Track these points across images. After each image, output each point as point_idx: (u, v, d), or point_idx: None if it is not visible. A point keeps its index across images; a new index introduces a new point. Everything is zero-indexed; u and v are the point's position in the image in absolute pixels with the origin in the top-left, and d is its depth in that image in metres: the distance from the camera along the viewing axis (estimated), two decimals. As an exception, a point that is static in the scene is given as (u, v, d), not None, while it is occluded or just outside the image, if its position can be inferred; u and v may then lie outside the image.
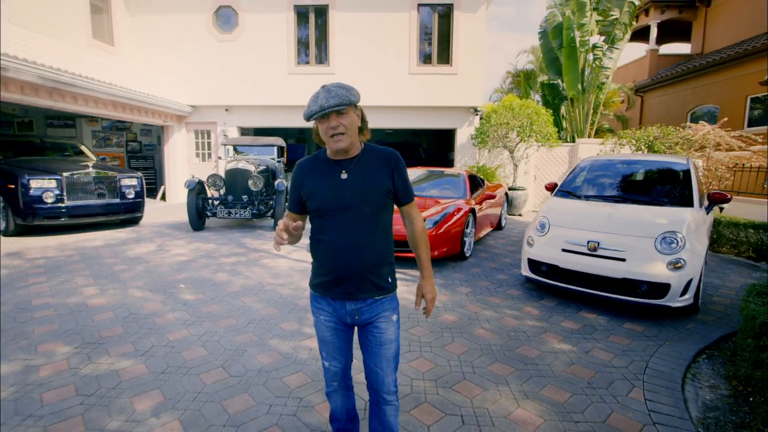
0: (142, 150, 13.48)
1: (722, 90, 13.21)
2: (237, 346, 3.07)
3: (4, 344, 2.99)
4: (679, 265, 3.54)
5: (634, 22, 12.58)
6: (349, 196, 1.49)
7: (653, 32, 17.19)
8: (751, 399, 2.51)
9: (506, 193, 8.40)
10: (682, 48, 19.02)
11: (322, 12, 10.66)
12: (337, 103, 1.40)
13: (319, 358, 2.84)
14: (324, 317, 1.63)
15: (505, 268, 5.34)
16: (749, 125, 11.68)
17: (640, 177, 4.78)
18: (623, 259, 3.69)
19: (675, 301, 3.56)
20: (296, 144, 16.57)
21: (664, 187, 4.48)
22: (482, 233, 6.72)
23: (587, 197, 4.62)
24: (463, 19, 10.41)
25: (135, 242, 6.39)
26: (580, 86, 12.65)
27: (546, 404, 2.42)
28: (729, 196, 4.21)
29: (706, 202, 4.32)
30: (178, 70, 11.05)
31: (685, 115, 14.76)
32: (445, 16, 10.55)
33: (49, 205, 6.42)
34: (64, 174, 6.56)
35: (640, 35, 18.50)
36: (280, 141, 9.27)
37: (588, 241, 3.86)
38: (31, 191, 6.25)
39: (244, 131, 12.32)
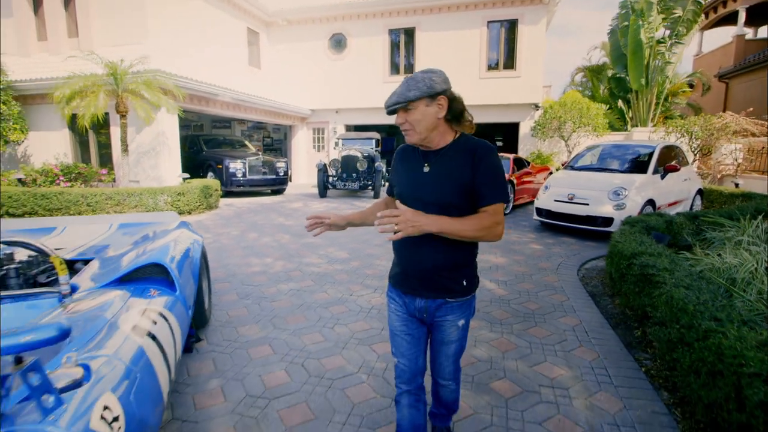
0: (273, 144, 17.75)
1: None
2: (364, 240, 6.14)
3: (258, 235, 6.44)
4: (622, 207, 5.82)
5: (700, 18, 13.40)
6: (427, 191, 1.42)
7: (741, 17, 17.07)
8: (621, 264, 4.88)
9: (551, 173, 10.55)
10: (780, 30, 18.30)
11: (410, 33, 13.58)
12: (393, 103, 1.37)
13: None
14: (394, 306, 1.62)
15: (529, 220, 7.79)
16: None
17: (620, 155, 6.91)
18: (587, 204, 6.05)
19: (618, 228, 5.84)
20: (387, 137, 19.80)
21: (633, 161, 6.61)
22: (522, 200, 9.11)
23: (580, 169, 6.92)
24: (527, 30, 12.52)
25: (288, 202, 10.01)
26: (643, 80, 13.86)
27: (510, 258, 5.08)
28: (678, 167, 6.26)
29: (661, 171, 6.38)
30: (302, 83, 14.80)
31: (768, 101, 14.85)
32: (511, 29, 12.77)
33: (238, 178, 10.30)
34: (247, 159, 10.40)
35: (729, 20, 18.32)
36: (376, 135, 12.43)
37: (568, 194, 6.26)
38: (230, 170, 10.17)
39: (348, 128, 15.77)
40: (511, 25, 12.74)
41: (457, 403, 1.83)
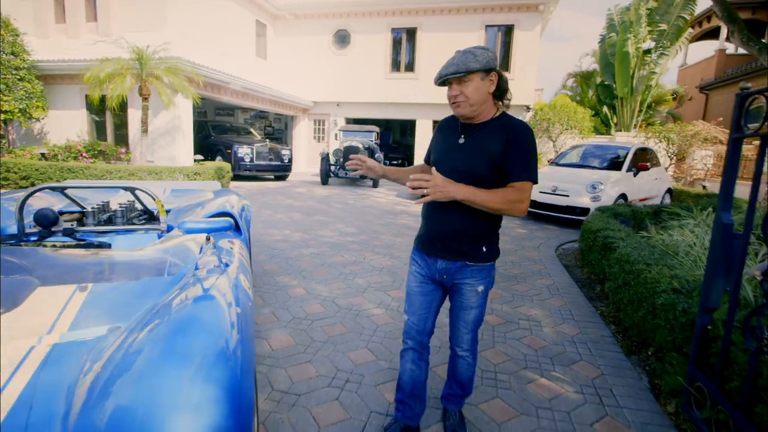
0: (274, 133, 18.28)
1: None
2: (368, 220, 6.82)
3: (272, 212, 7.08)
4: (598, 199, 6.60)
5: (686, 32, 14.31)
6: (459, 161, 1.51)
7: (723, 33, 18.09)
8: (593, 246, 5.65)
9: (539, 171, 11.36)
10: (758, 46, 19.38)
11: (412, 33, 14.24)
12: (453, 72, 1.42)
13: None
14: (415, 268, 1.72)
15: (517, 211, 8.55)
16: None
17: (600, 154, 7.70)
18: (567, 195, 6.82)
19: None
20: (384, 131, 20.48)
21: (610, 160, 7.41)
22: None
23: (564, 165, 7.70)
24: (522, 36, 13.29)
25: (293, 187, 10.63)
26: (628, 88, 14.74)
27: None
28: (648, 166, 7.07)
29: (634, 170, 7.18)
30: (306, 76, 15.36)
31: (741, 113, 15.87)
32: (507, 33, 13.51)
33: (245, 163, 10.88)
34: (254, 145, 10.98)
35: (713, 34, 19.35)
36: (376, 128, 13.10)
37: (551, 186, 7.03)
38: (239, 155, 10.74)
39: (348, 120, 16.38)
40: (508, 30, 13.49)
41: (472, 383, 1.83)
